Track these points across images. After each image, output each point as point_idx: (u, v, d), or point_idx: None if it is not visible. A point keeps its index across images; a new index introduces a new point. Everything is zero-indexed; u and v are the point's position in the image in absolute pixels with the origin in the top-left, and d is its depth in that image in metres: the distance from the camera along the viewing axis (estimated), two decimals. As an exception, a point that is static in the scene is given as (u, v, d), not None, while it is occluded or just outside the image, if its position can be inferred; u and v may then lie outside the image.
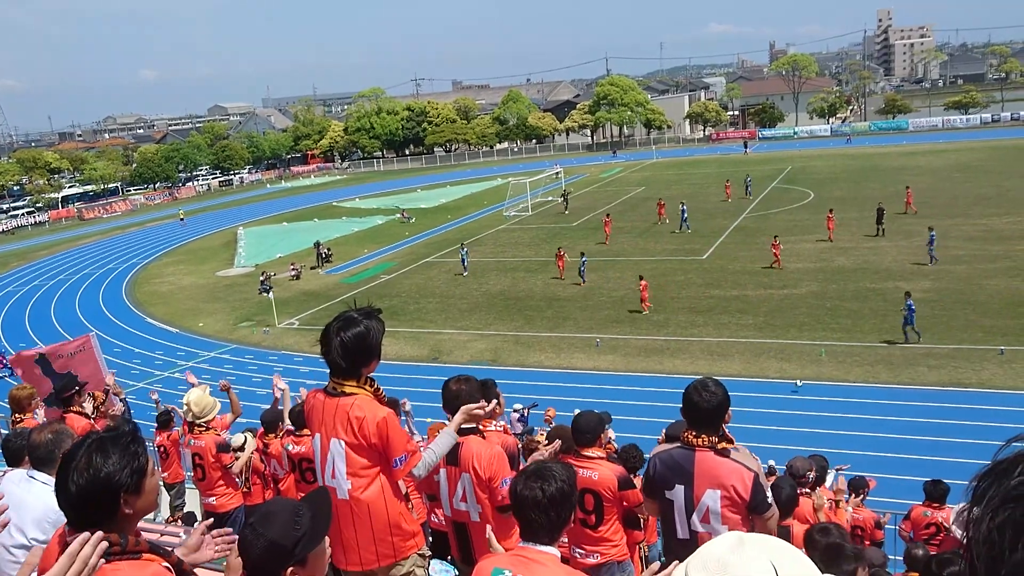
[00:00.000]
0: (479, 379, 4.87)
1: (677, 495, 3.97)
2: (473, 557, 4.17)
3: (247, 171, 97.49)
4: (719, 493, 3.85)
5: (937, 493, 8.69)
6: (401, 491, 3.99)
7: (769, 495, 3.91)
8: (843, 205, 39.65)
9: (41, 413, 7.65)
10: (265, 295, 31.81)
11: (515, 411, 14.11)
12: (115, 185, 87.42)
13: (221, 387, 8.89)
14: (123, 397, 10.25)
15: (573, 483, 3.02)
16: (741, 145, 78.41)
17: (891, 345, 21.55)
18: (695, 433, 3.93)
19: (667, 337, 24.09)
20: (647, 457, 5.06)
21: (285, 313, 30.66)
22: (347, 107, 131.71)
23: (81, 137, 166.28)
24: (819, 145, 75.61)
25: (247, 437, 8.60)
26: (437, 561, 4.29)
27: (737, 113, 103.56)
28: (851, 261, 30.51)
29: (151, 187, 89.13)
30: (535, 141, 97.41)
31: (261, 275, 35.71)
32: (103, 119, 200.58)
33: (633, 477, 5.84)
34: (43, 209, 77.13)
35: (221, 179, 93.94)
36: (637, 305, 26.64)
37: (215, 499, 8.51)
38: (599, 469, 5.28)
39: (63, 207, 78.76)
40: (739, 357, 21.92)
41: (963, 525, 1.15)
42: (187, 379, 9.50)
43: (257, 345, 27.66)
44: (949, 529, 7.80)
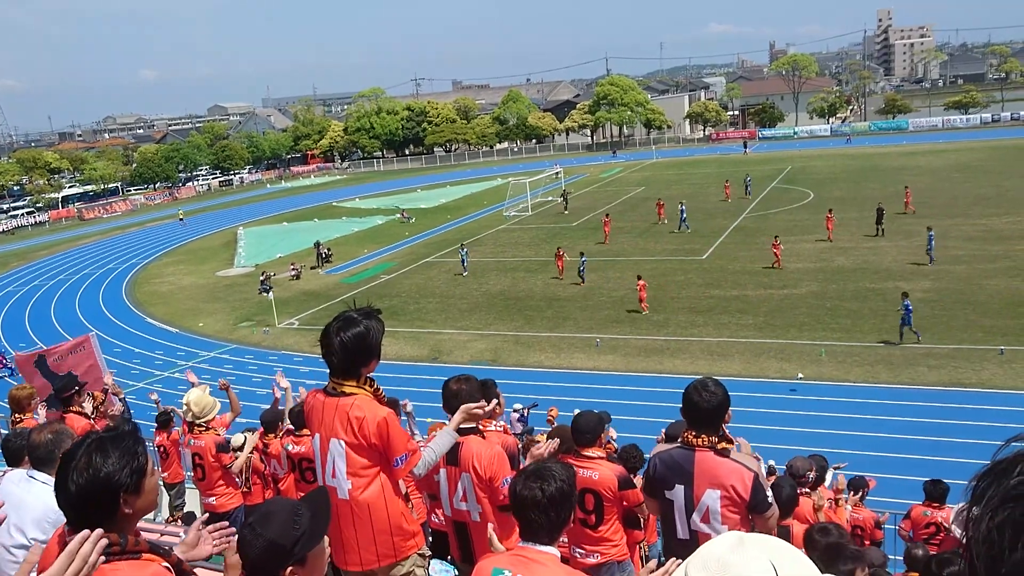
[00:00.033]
0: (479, 379, 4.88)
1: (677, 495, 3.98)
2: (473, 557, 4.16)
3: (247, 171, 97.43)
4: (719, 493, 3.86)
5: (937, 493, 8.69)
6: (401, 491, 3.99)
7: (769, 495, 3.92)
8: (843, 205, 39.65)
9: (42, 413, 7.65)
10: (265, 295, 31.81)
11: (515, 411, 14.12)
12: (115, 185, 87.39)
13: (220, 386, 8.90)
14: (122, 397, 10.25)
15: (573, 483, 3.02)
16: (741, 145, 78.42)
17: (890, 345, 21.56)
18: (695, 433, 3.94)
19: (667, 337, 24.09)
20: (647, 457, 5.06)
21: (285, 313, 30.66)
22: (347, 107, 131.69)
23: (81, 137, 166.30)
24: (819, 145, 75.61)
25: (247, 437, 8.60)
26: (437, 561, 4.29)
27: (737, 113, 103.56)
28: (851, 261, 30.52)
29: (151, 187, 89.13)
30: (535, 141, 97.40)
31: (261, 275, 35.71)
32: (103, 119, 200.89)
33: (633, 477, 5.84)
34: (43, 209, 77.11)
35: (221, 179, 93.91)
36: (636, 305, 26.65)
37: (215, 499, 8.51)
38: (599, 469, 5.28)
39: (63, 207, 78.75)
40: (739, 357, 21.92)
41: (963, 525, 1.15)
42: (187, 378, 9.49)
43: (257, 345, 27.67)
44: (949, 529, 7.79)
